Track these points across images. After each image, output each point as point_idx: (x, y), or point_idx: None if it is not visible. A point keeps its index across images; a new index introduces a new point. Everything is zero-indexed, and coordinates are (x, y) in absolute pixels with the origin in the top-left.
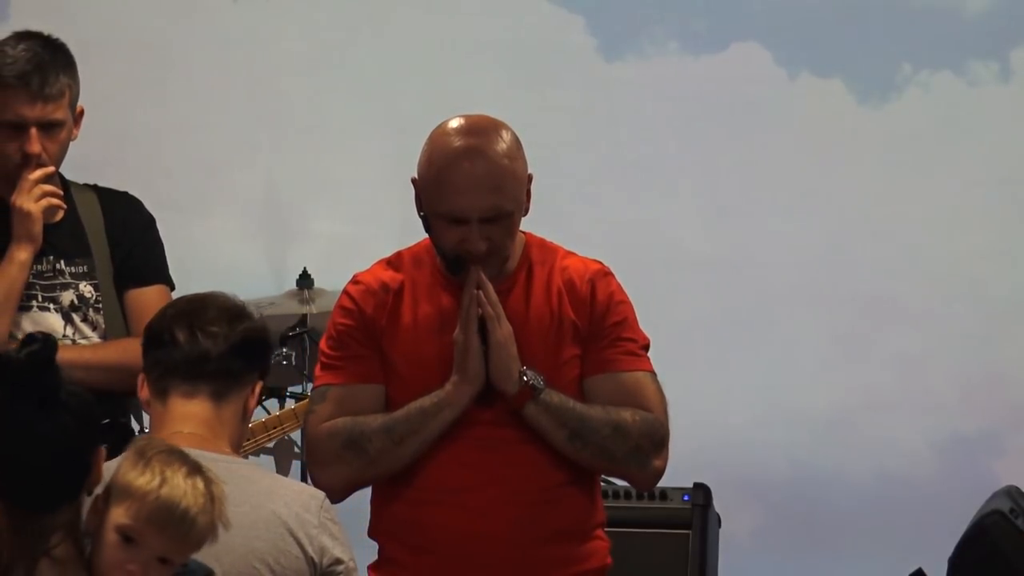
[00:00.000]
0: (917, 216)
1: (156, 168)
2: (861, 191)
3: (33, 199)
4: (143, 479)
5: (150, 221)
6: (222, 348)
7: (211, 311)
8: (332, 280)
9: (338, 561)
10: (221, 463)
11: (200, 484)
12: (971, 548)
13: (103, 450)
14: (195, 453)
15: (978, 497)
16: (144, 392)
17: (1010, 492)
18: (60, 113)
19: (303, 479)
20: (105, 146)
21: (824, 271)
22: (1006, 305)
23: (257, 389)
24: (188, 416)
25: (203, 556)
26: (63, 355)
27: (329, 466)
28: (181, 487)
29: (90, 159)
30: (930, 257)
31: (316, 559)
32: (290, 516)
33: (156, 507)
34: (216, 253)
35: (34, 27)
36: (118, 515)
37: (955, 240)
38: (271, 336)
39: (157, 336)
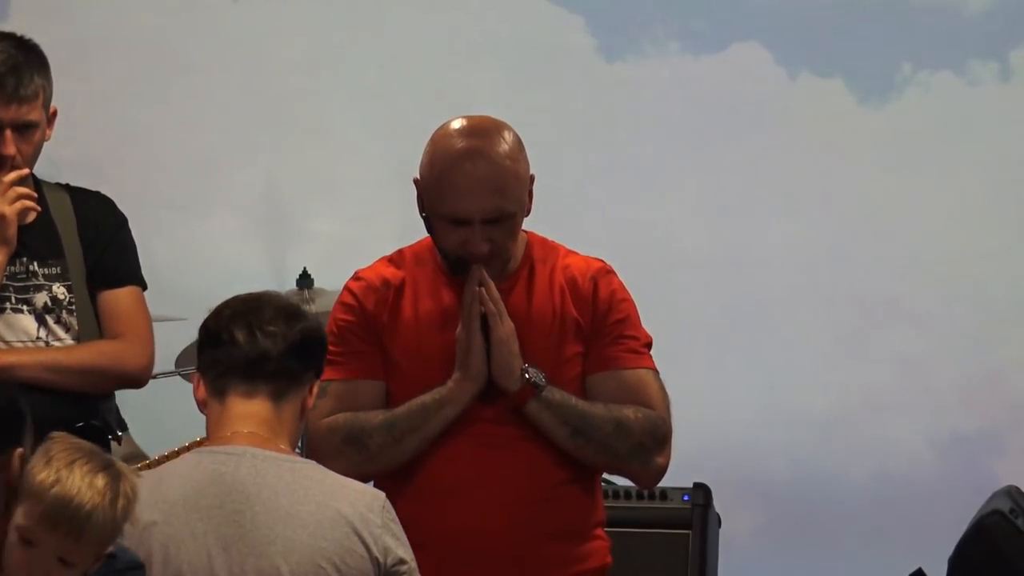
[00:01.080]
0: (917, 216)
1: (156, 168)
2: (861, 191)
3: (7, 202)
4: (40, 477)
5: (122, 221)
6: (281, 348)
7: (268, 311)
8: (332, 280)
9: (402, 561)
10: (285, 463)
11: (100, 481)
12: (971, 548)
13: (16, 452)
14: (257, 452)
15: (978, 497)
16: (200, 392)
17: (1010, 492)
18: (34, 114)
19: None
20: (105, 146)
21: (824, 271)
22: (1006, 305)
23: (315, 388)
24: (248, 416)
25: (271, 554)
26: (37, 357)
27: (329, 461)
28: (76, 485)
29: (90, 159)
30: (930, 257)
31: (381, 559)
32: (355, 516)
33: (48, 505)
34: (216, 253)
35: (34, 27)
36: (18, 516)
37: (955, 240)
38: (326, 336)
39: (215, 336)
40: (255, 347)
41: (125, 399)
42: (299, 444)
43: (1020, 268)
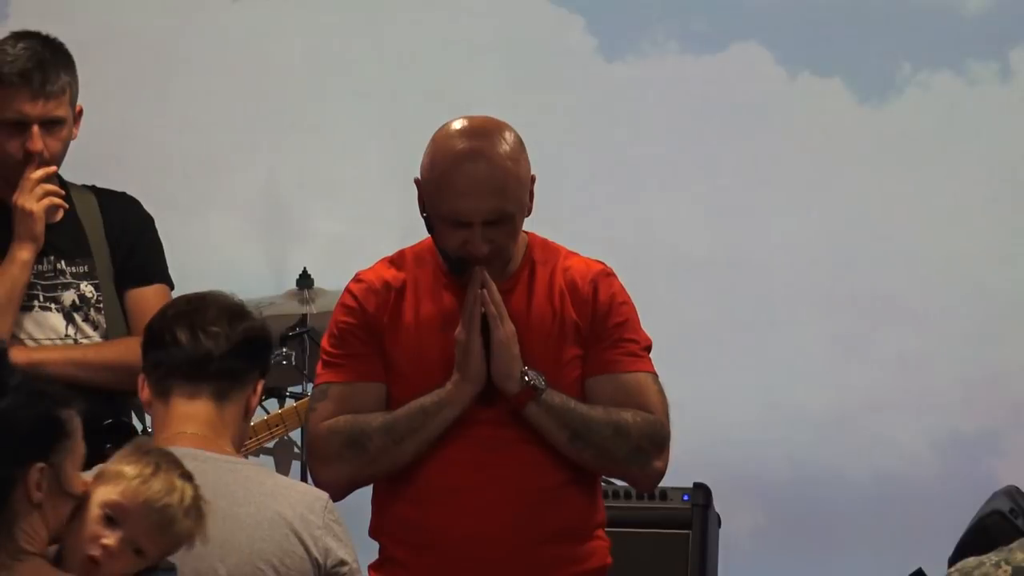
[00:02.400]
0: (917, 216)
1: (156, 168)
2: (861, 191)
3: (35, 199)
4: (138, 466)
5: (149, 221)
6: (224, 348)
7: (212, 311)
8: (332, 280)
9: (342, 562)
10: (225, 464)
11: (190, 491)
12: (971, 548)
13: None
14: (199, 454)
15: (978, 497)
16: (145, 393)
17: (1010, 492)
18: (61, 110)
19: (303, 479)
20: (105, 146)
21: (824, 271)
22: (1006, 305)
23: (259, 388)
24: (191, 417)
25: (208, 556)
26: (66, 355)
27: (330, 464)
28: (175, 484)
29: (90, 159)
30: (930, 257)
31: (320, 560)
32: (295, 517)
33: (147, 494)
34: (216, 253)
35: (34, 27)
36: (106, 492)
37: (955, 240)
38: (271, 335)
39: (158, 336)
40: (197, 347)
41: None
42: (299, 446)
43: (1020, 268)
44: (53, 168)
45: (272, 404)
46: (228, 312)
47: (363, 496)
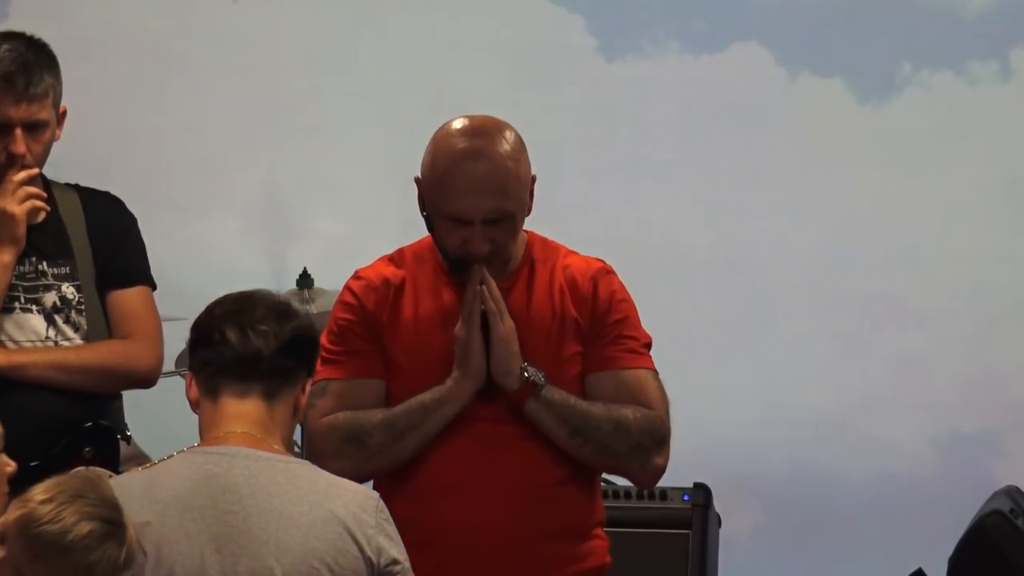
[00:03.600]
0: (917, 216)
1: (156, 168)
2: (861, 191)
3: (17, 201)
4: (46, 491)
5: (131, 221)
6: (274, 347)
7: (260, 309)
8: (332, 280)
9: (395, 561)
10: (278, 463)
11: (86, 527)
12: (971, 548)
13: None
14: (251, 453)
15: (978, 497)
16: (193, 391)
17: (1010, 492)
18: (45, 113)
19: None
20: (105, 146)
21: (824, 271)
22: (1006, 305)
23: (307, 387)
24: (241, 416)
25: (263, 555)
26: (46, 357)
27: (329, 460)
28: (64, 515)
29: (90, 159)
30: (930, 257)
31: (374, 559)
32: (348, 516)
33: (27, 519)
34: (216, 253)
35: (34, 27)
36: (11, 510)
37: (955, 240)
38: (318, 333)
39: (207, 335)
40: (247, 346)
41: (124, 399)
42: (299, 444)
43: (1020, 268)
44: (36, 171)
45: None
46: (276, 311)
47: None
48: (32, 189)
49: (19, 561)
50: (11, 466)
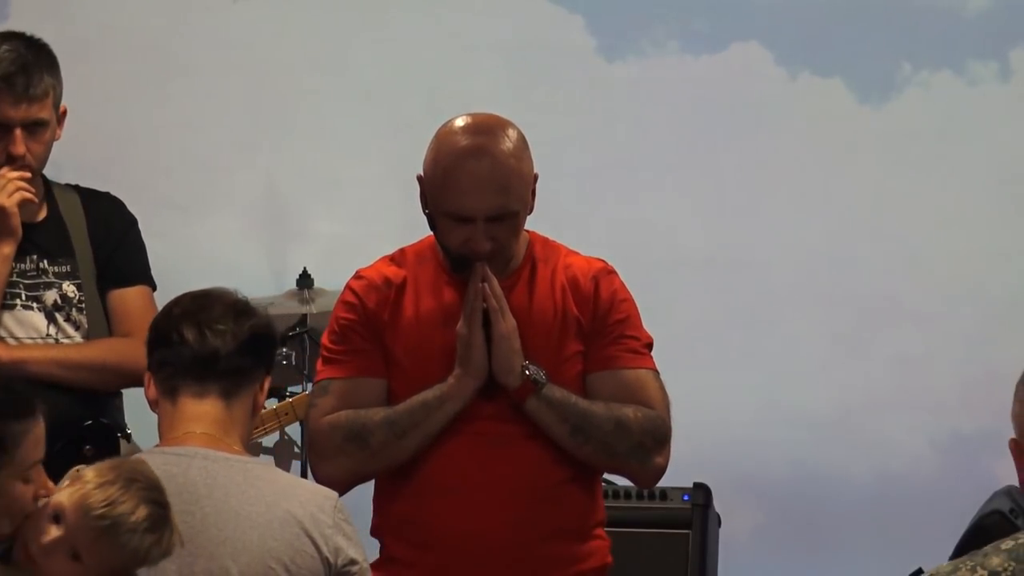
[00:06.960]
0: (917, 216)
1: (156, 168)
2: (861, 191)
3: (6, 194)
4: (100, 474)
5: (132, 221)
6: (231, 346)
7: (217, 308)
8: (332, 280)
9: (352, 561)
10: (236, 463)
11: (144, 510)
12: (971, 548)
13: None
14: (209, 453)
15: (978, 497)
16: (151, 391)
17: (1010, 492)
18: (45, 113)
19: (303, 478)
20: (105, 146)
21: (824, 271)
22: (1006, 305)
23: (266, 385)
24: (200, 416)
25: (219, 555)
26: (48, 354)
27: (331, 459)
28: (123, 498)
29: (90, 159)
30: (930, 257)
31: (331, 559)
32: (305, 516)
33: (87, 500)
34: (216, 253)
35: (34, 27)
36: (62, 492)
37: (955, 240)
38: (277, 331)
39: (164, 335)
40: (205, 346)
41: (124, 398)
42: (299, 443)
43: (1020, 268)
44: (28, 174)
45: (271, 404)
46: (234, 309)
47: (365, 496)
48: (20, 182)
49: (77, 541)
50: (46, 499)
